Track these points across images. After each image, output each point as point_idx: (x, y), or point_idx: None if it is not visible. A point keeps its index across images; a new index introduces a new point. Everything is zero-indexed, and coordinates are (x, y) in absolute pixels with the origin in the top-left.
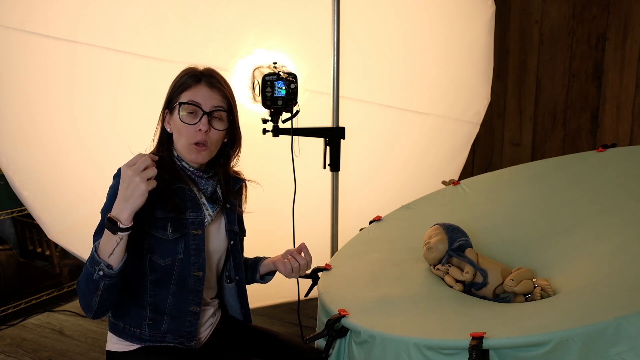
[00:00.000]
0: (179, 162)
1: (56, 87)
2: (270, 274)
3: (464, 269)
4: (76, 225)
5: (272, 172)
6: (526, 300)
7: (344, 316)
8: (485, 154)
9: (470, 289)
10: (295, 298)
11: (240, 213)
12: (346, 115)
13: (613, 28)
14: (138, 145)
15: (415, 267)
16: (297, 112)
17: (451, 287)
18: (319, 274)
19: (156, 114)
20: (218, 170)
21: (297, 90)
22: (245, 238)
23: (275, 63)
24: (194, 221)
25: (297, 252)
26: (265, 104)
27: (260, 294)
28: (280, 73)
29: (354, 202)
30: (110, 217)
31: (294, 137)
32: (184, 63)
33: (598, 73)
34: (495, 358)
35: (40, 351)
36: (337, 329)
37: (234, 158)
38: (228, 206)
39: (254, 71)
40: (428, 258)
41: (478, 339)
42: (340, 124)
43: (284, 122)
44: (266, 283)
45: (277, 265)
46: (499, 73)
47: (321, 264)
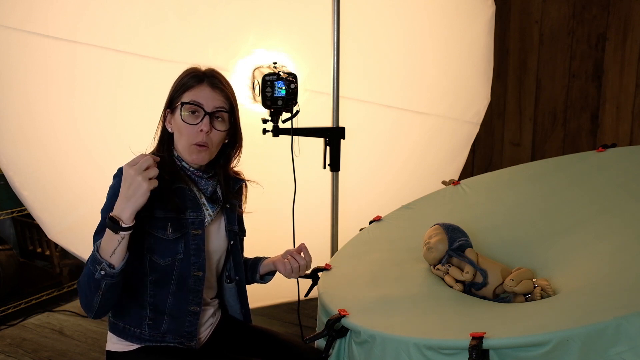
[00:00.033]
0: (179, 162)
1: (56, 87)
2: (270, 274)
3: (464, 269)
4: (76, 225)
5: (272, 172)
6: (526, 300)
7: (344, 316)
8: (485, 154)
9: (470, 289)
10: (295, 298)
11: (240, 213)
12: (346, 115)
13: (613, 28)
14: (138, 145)
15: (415, 267)
16: (297, 112)
17: (451, 287)
18: (319, 274)
19: (156, 114)
20: (218, 170)
21: (297, 90)
22: (245, 238)
23: (275, 63)
24: (194, 221)
25: (297, 252)
26: (265, 104)
27: (260, 294)
28: (280, 73)
29: (354, 202)
30: (112, 217)
31: (294, 137)
32: (184, 63)
33: (598, 73)
34: (495, 358)
35: (40, 351)
36: (337, 329)
37: (234, 159)
38: (228, 206)
39: (254, 71)
40: (428, 258)
41: (478, 339)
42: (340, 124)
43: (284, 122)
44: (266, 283)
45: (277, 266)
46: (499, 73)
47: (321, 264)
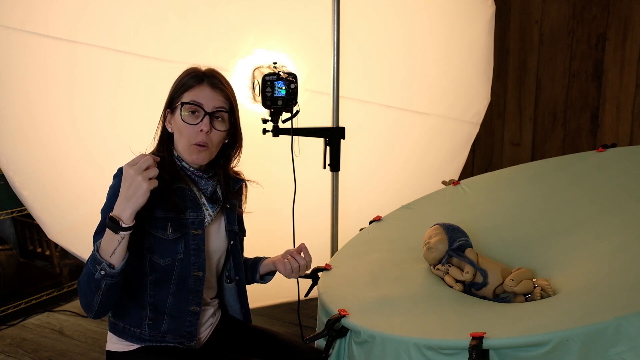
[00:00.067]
0: (179, 162)
1: (56, 87)
2: (270, 274)
3: (464, 269)
4: (76, 225)
5: (272, 172)
6: (526, 300)
7: (344, 316)
8: (485, 154)
9: (470, 289)
10: (295, 298)
11: (240, 213)
12: (346, 115)
13: (613, 28)
14: (138, 145)
15: (415, 267)
16: (297, 112)
17: (451, 287)
18: (319, 274)
19: (156, 114)
20: (218, 170)
21: (297, 90)
22: (245, 238)
23: (275, 63)
24: (194, 221)
25: (296, 252)
26: (265, 104)
27: (260, 294)
28: (280, 73)
29: (354, 202)
30: (112, 217)
31: (294, 137)
32: (184, 63)
33: (598, 73)
34: (495, 358)
35: (40, 351)
36: (337, 329)
37: (234, 159)
38: (228, 206)
39: (254, 71)
40: (428, 258)
41: (478, 339)
42: (340, 124)
43: (284, 122)
44: (266, 283)
45: (277, 266)
46: (499, 73)
47: (321, 264)
